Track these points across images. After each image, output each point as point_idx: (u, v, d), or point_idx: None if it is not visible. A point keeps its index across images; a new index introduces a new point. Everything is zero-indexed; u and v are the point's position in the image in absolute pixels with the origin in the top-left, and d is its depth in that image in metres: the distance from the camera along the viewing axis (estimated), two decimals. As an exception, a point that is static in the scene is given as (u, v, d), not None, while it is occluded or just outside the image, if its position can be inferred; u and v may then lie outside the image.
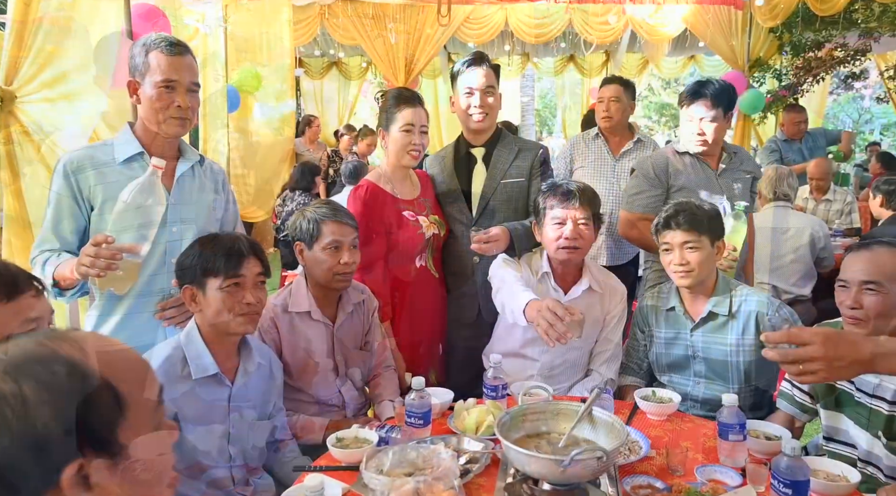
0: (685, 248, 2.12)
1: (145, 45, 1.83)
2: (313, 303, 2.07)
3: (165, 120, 1.85)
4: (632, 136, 3.38)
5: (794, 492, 1.35)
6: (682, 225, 2.12)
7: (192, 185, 1.98)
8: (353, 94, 11.36)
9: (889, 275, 1.69)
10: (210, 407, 1.68)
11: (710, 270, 2.16)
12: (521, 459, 1.34)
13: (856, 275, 1.73)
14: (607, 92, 3.35)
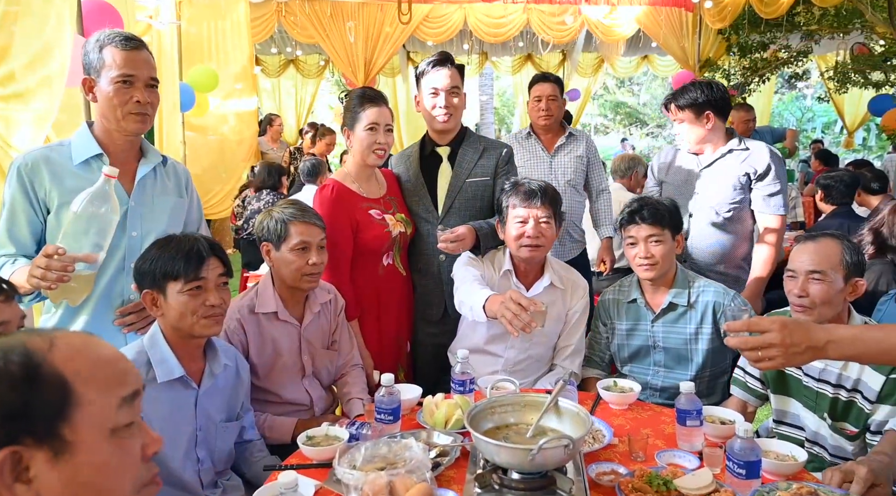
0: (650, 242, 2.20)
1: (99, 41, 1.78)
2: (280, 304, 2.07)
3: (124, 116, 1.80)
4: (563, 132, 3.42)
5: (748, 471, 1.43)
6: (646, 219, 2.21)
7: (154, 188, 1.94)
8: (311, 92, 11.25)
9: (833, 265, 1.80)
10: (176, 410, 1.67)
11: (671, 263, 2.26)
12: (491, 450, 1.38)
13: (803, 265, 1.83)
14: (545, 90, 3.34)
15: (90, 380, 0.80)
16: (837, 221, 3.71)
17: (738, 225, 2.77)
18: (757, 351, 1.30)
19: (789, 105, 18.71)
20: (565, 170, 3.33)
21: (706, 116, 2.69)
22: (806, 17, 6.47)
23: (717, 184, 2.73)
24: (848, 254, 1.83)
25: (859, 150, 13.23)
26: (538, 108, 3.36)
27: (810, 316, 1.81)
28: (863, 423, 1.76)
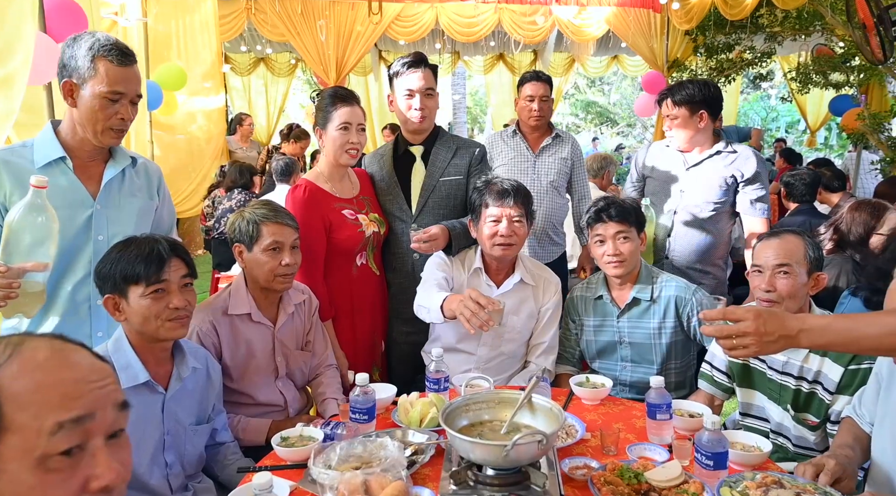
0: (618, 239, 2.24)
1: (92, 50, 1.72)
2: (253, 305, 2.05)
3: (103, 131, 1.76)
4: (550, 132, 3.38)
5: (715, 462, 1.47)
6: (614, 217, 2.25)
7: (122, 190, 1.90)
8: (283, 91, 11.14)
9: (797, 260, 1.87)
10: (142, 415, 1.63)
11: (637, 259, 2.30)
12: (466, 447, 1.39)
13: (769, 260, 1.89)
14: (538, 90, 3.28)
15: (27, 405, 0.75)
16: (800, 219, 3.82)
17: (719, 225, 2.83)
18: (731, 339, 1.33)
19: (754, 105, 19.15)
20: (549, 171, 3.30)
21: (700, 115, 2.72)
22: (769, 19, 6.64)
23: (702, 184, 2.77)
24: (810, 249, 1.90)
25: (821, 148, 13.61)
26: (529, 108, 3.28)
27: (778, 309, 1.87)
28: (823, 414, 1.82)
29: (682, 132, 2.77)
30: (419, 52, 2.59)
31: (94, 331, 1.85)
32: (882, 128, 5.40)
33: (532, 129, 3.36)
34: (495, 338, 2.31)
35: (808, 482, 1.42)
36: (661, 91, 2.90)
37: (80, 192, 1.82)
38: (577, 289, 2.46)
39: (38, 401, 0.76)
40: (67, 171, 1.81)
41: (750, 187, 2.72)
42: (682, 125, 2.76)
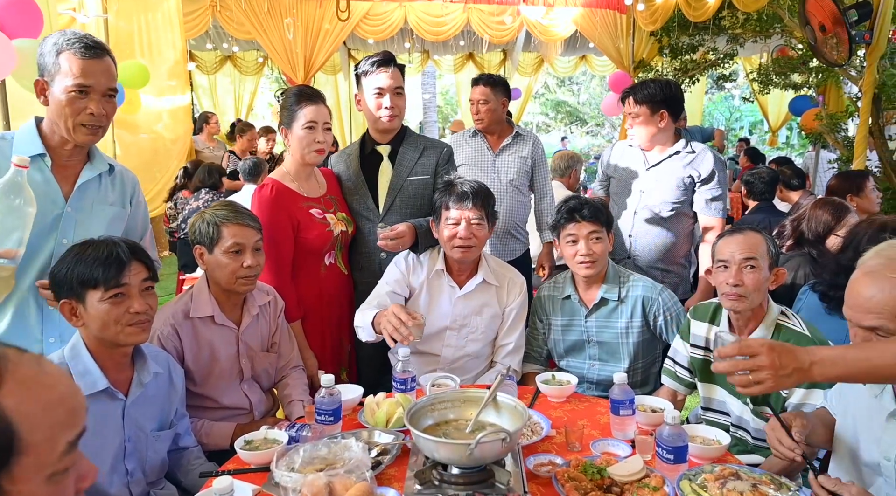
0: (591, 239, 2.25)
1: (56, 45, 1.68)
2: (216, 308, 2.02)
3: (75, 127, 1.72)
4: (510, 131, 3.39)
5: (675, 456, 1.50)
6: (587, 217, 2.26)
7: (96, 195, 1.85)
8: (250, 89, 11.00)
9: (761, 254, 1.92)
10: (101, 423, 1.59)
11: (606, 260, 2.33)
12: (430, 446, 1.39)
13: (735, 254, 1.93)
14: (475, 94, 3.33)
15: (39, 427, 0.73)
16: (759, 216, 3.91)
17: (679, 224, 2.88)
18: (747, 375, 1.31)
19: (719, 105, 19.55)
20: (508, 170, 3.33)
21: (661, 114, 2.76)
22: (731, 21, 6.79)
23: (662, 184, 2.82)
24: (770, 244, 1.96)
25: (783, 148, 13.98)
26: (474, 112, 3.37)
27: (743, 304, 1.90)
28: (780, 407, 1.87)
29: (642, 130, 2.81)
30: (387, 51, 2.59)
31: (46, 336, 1.79)
32: (838, 128, 5.57)
33: (486, 131, 3.39)
34: (460, 338, 2.32)
35: (763, 473, 1.46)
36: (624, 89, 2.94)
37: (53, 190, 1.77)
38: (544, 288, 2.48)
39: (48, 422, 0.75)
40: (44, 168, 1.76)
41: (706, 187, 2.78)
42: (643, 123, 2.80)
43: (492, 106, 3.31)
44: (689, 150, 2.81)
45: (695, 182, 2.79)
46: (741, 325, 1.97)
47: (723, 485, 1.38)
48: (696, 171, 2.77)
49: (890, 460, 1.39)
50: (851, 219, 2.68)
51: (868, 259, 1.39)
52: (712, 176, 2.76)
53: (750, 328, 1.94)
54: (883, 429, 1.41)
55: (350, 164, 2.59)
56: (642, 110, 2.77)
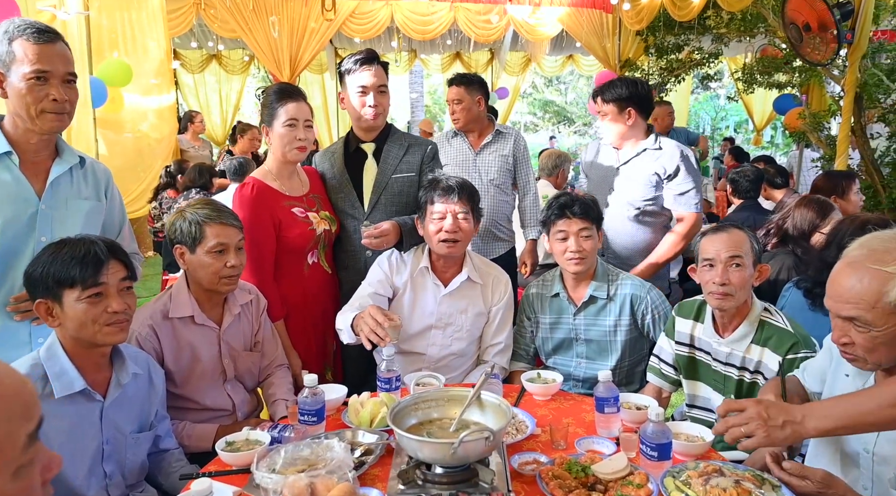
0: (580, 236, 2.24)
1: (7, 33, 1.65)
2: (196, 307, 1.99)
3: (39, 115, 1.68)
4: (491, 129, 3.37)
5: (659, 453, 1.50)
6: (577, 214, 2.24)
7: (69, 191, 1.82)
8: (237, 88, 10.91)
9: (746, 251, 1.92)
10: (79, 425, 1.56)
11: (596, 257, 2.32)
12: (413, 445, 1.38)
13: (721, 253, 1.93)
14: (450, 95, 3.33)
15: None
16: (744, 214, 3.94)
17: (653, 220, 2.88)
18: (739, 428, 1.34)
19: (704, 104, 19.70)
20: (489, 169, 3.32)
21: (628, 112, 2.77)
22: (715, 21, 6.83)
23: (633, 181, 2.82)
24: (753, 241, 1.96)
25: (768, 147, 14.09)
26: (449, 112, 3.37)
27: (730, 302, 1.91)
28: None
29: (611, 128, 2.84)
30: (371, 48, 2.58)
31: (35, 337, 1.76)
32: (821, 126, 5.62)
33: (466, 130, 3.38)
34: (444, 337, 2.31)
35: (747, 469, 1.46)
36: (594, 89, 2.96)
37: (24, 189, 1.74)
38: (532, 286, 2.47)
39: (5, 416, 0.74)
40: (12, 166, 1.73)
41: (673, 182, 2.79)
42: (611, 121, 2.82)
43: (466, 105, 3.29)
44: (657, 147, 2.81)
45: (661, 179, 2.80)
46: (725, 323, 1.97)
47: (706, 482, 1.38)
48: (663, 168, 2.79)
49: (869, 452, 1.40)
50: (836, 216, 2.70)
51: (851, 250, 1.39)
52: (677, 171, 2.77)
53: (734, 325, 1.95)
54: None
55: (334, 162, 2.57)
56: (610, 109, 2.79)
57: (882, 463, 1.39)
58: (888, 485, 1.38)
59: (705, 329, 2.02)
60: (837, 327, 1.39)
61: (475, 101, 3.31)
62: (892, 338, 1.31)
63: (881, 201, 4.91)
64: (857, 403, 1.33)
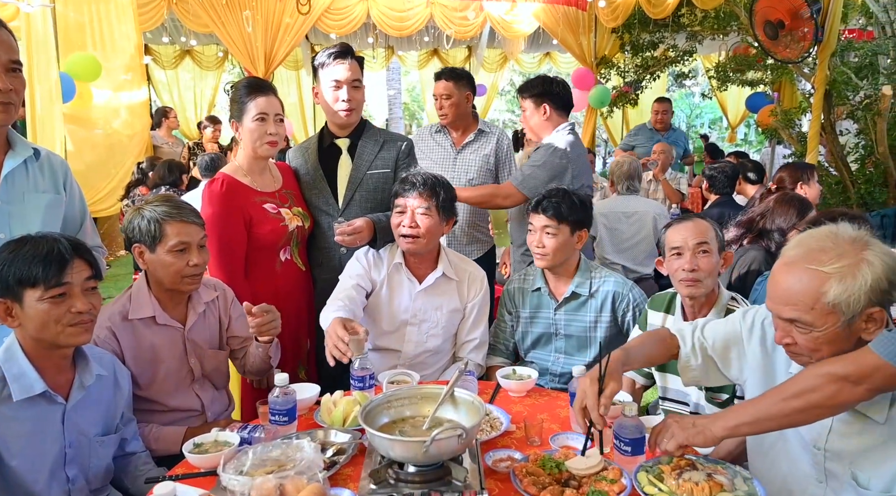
0: (544, 233, 2.25)
1: None
2: (158, 307, 1.93)
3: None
4: (475, 127, 3.31)
5: (633, 448, 1.50)
6: (546, 210, 2.26)
7: (26, 184, 1.76)
8: (212, 85, 10.74)
9: (711, 239, 1.97)
10: (39, 428, 1.51)
11: (565, 255, 2.30)
12: (385, 444, 1.36)
13: (688, 240, 1.97)
14: (438, 89, 3.26)
15: None
16: (719, 210, 3.98)
17: None
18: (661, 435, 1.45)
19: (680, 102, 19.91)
20: (468, 168, 3.26)
21: (543, 107, 2.90)
22: (690, 19, 6.91)
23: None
24: (716, 230, 2.02)
25: (741, 144, 14.30)
26: (437, 107, 3.31)
27: (700, 289, 1.94)
28: (731, 391, 1.92)
29: (529, 121, 3.01)
30: (345, 43, 2.54)
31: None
32: (793, 123, 5.71)
33: (451, 126, 3.33)
34: (419, 333, 2.29)
35: (720, 463, 1.46)
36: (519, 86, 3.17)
37: None
38: (514, 281, 2.47)
39: None
40: None
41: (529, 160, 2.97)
42: (529, 115, 2.98)
43: (455, 100, 3.23)
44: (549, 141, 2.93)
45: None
46: (695, 311, 2.00)
47: (679, 476, 1.38)
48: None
49: (820, 448, 1.41)
50: (813, 214, 2.74)
51: (788, 250, 1.37)
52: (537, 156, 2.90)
53: (703, 313, 1.99)
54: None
55: (308, 157, 2.53)
56: (528, 104, 2.97)
57: (834, 459, 1.39)
58: (843, 478, 1.38)
59: (676, 320, 2.04)
60: (780, 328, 1.38)
61: (463, 96, 3.25)
62: (833, 337, 1.30)
63: (850, 196, 5.00)
64: (761, 399, 1.37)
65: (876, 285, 1.26)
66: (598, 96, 7.26)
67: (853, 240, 1.31)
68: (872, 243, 1.31)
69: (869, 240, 1.31)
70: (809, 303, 1.28)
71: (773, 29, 4.54)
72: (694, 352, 1.64)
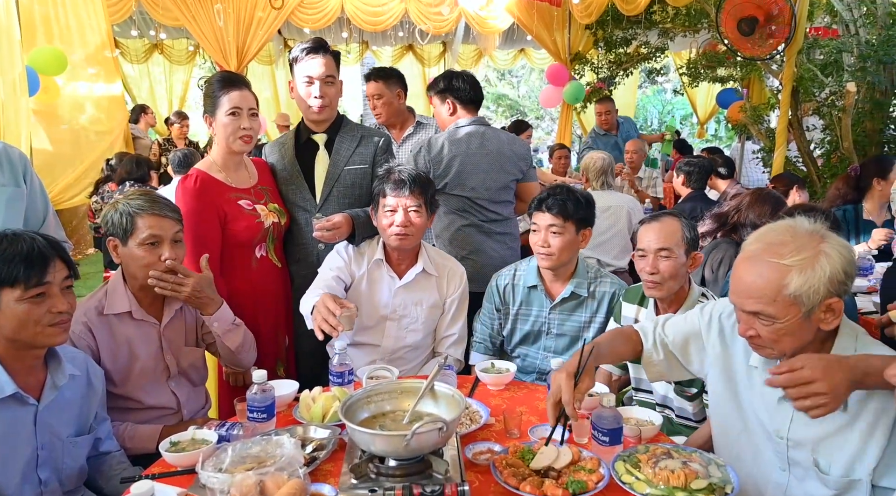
0: (549, 232, 2.22)
1: None
2: (134, 303, 1.90)
3: None
4: (412, 121, 3.39)
5: (611, 438, 1.52)
6: (551, 209, 2.21)
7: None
8: (182, 79, 10.54)
9: (676, 242, 1.98)
10: (10, 430, 1.48)
11: (571, 255, 2.26)
12: (365, 439, 1.36)
13: (651, 244, 1.99)
14: (369, 90, 3.30)
15: None
16: (691, 204, 4.05)
17: None
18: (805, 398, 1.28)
19: (652, 98, 20.16)
20: (410, 160, 3.22)
21: (448, 102, 2.90)
22: (661, 16, 7.00)
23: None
24: (687, 230, 2.02)
25: (711, 139, 14.54)
26: (371, 107, 3.35)
27: (660, 291, 1.97)
28: (700, 386, 1.95)
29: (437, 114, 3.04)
30: (319, 38, 2.52)
31: None
32: (761, 119, 5.83)
33: (388, 124, 3.37)
34: (399, 329, 2.29)
35: (693, 450, 1.49)
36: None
37: None
38: (501, 277, 2.42)
39: None
40: None
41: None
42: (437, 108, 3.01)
43: (386, 99, 3.27)
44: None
45: None
46: (665, 307, 2.04)
47: (655, 464, 1.41)
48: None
49: (783, 437, 1.44)
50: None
51: (749, 244, 1.40)
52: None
53: (674, 309, 2.02)
54: (774, 409, 1.46)
55: (285, 153, 2.51)
56: (435, 100, 2.99)
57: (797, 447, 1.43)
58: (806, 464, 1.42)
59: (649, 313, 2.07)
60: (743, 321, 1.40)
61: (395, 94, 3.28)
62: (795, 328, 1.33)
63: (816, 191, 5.13)
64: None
65: (834, 276, 1.30)
66: (572, 92, 7.32)
67: (810, 233, 1.35)
68: (828, 236, 1.34)
69: (825, 233, 1.35)
70: (772, 295, 1.31)
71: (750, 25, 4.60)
72: (656, 348, 1.68)
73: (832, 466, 1.39)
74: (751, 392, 1.52)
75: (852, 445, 1.36)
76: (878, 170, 3.75)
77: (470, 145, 2.81)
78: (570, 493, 1.35)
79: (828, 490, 1.39)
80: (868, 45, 4.87)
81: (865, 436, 1.35)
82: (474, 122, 2.88)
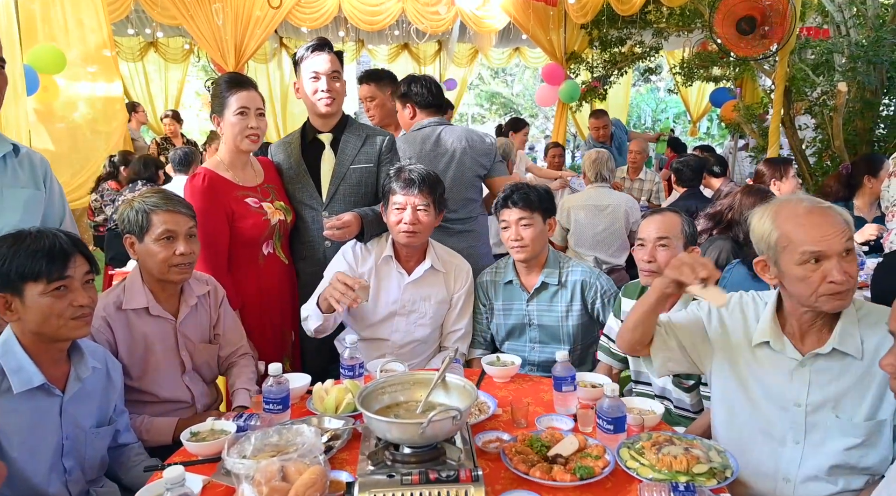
0: (520, 225, 2.31)
1: None
2: (151, 298, 1.95)
3: None
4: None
5: (615, 427, 1.58)
6: (517, 203, 2.31)
7: (4, 179, 1.76)
8: (177, 78, 10.52)
9: (675, 234, 2.07)
10: (38, 421, 1.53)
11: (542, 245, 2.38)
12: (382, 427, 1.42)
13: (651, 234, 2.07)
14: (361, 93, 3.32)
15: None
16: (687, 202, 4.12)
17: None
18: None
19: (646, 97, 20.28)
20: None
21: (408, 107, 2.97)
22: (656, 16, 7.08)
23: None
24: (686, 225, 2.11)
25: (704, 138, 14.65)
26: (365, 110, 3.37)
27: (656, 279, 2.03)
28: (696, 377, 2.01)
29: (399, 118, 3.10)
30: (323, 37, 2.57)
31: None
32: (754, 118, 5.91)
33: (384, 125, 3.34)
34: (408, 323, 2.35)
35: (694, 437, 1.56)
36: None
37: None
38: (485, 274, 2.52)
39: None
40: None
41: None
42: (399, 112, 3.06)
43: (379, 101, 3.28)
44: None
45: None
46: None
47: (658, 451, 1.48)
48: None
49: (801, 405, 1.52)
50: None
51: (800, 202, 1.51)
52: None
53: (671, 302, 2.07)
54: (790, 380, 1.53)
55: (291, 152, 2.56)
56: (398, 105, 3.04)
57: (816, 411, 1.50)
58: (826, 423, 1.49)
59: None
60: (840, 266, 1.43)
61: (387, 95, 3.28)
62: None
63: (808, 188, 5.22)
64: None
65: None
66: (567, 91, 7.39)
67: None
68: None
69: None
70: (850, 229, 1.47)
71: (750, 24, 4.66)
72: (668, 334, 1.74)
73: (855, 416, 1.47)
74: (760, 370, 1.59)
75: (872, 391, 1.46)
76: (868, 168, 3.83)
77: (424, 146, 2.88)
78: (577, 478, 1.42)
79: (855, 439, 1.47)
80: (858, 46, 4.96)
81: (884, 379, 1.43)
82: (432, 123, 2.94)
